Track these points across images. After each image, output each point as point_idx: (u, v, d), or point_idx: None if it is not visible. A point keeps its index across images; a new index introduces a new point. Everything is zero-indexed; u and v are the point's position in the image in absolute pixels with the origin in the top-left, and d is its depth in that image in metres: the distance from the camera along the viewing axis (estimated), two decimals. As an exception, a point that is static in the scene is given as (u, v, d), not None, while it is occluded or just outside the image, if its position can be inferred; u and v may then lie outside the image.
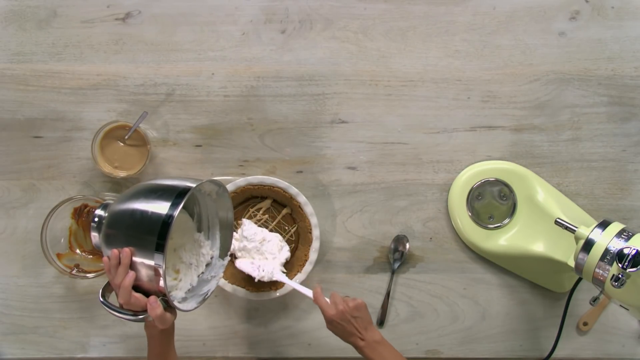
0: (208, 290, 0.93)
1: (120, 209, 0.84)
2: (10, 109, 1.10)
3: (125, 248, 0.81)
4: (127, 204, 0.84)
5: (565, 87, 1.13)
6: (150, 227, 0.80)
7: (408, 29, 1.12)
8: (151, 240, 0.79)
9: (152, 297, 0.81)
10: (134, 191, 0.86)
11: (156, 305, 0.81)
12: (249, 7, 1.12)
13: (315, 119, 1.12)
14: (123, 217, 0.84)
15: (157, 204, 0.81)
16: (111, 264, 0.82)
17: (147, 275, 0.81)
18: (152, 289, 0.82)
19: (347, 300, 0.93)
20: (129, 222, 0.83)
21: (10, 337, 1.09)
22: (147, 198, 0.83)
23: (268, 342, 1.11)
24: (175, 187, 0.83)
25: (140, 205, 0.82)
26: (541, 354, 1.12)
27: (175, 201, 0.81)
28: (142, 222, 0.81)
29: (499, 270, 1.12)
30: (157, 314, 0.81)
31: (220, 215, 0.98)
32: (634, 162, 1.13)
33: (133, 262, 0.81)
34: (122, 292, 0.81)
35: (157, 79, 1.11)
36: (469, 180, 1.11)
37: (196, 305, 0.89)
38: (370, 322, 0.94)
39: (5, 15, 1.11)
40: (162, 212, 0.80)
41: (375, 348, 0.92)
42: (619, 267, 0.83)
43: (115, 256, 0.81)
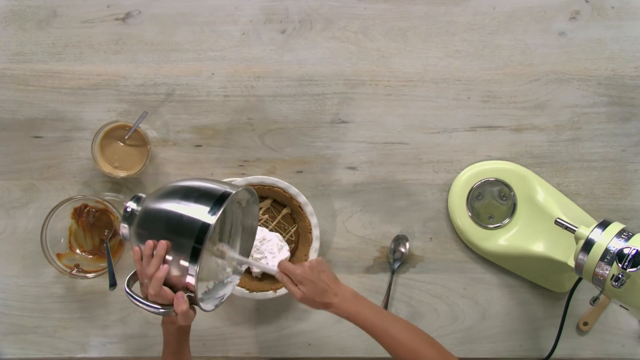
0: (224, 295, 0.92)
1: (157, 208, 0.84)
2: (10, 109, 1.10)
3: (162, 240, 0.81)
4: (164, 203, 0.84)
5: (565, 87, 1.13)
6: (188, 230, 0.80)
7: (408, 29, 1.12)
8: (187, 244, 0.79)
9: (180, 292, 0.81)
10: (170, 190, 0.86)
11: (183, 301, 0.81)
12: (249, 7, 1.12)
13: (315, 119, 1.12)
14: (159, 216, 0.84)
15: (196, 207, 0.81)
16: (145, 254, 0.82)
17: (177, 271, 0.81)
18: (179, 285, 0.82)
19: (308, 261, 0.92)
20: (165, 221, 0.83)
21: (10, 337, 1.09)
22: (185, 200, 0.83)
23: (268, 342, 1.11)
24: (214, 190, 0.83)
25: (178, 207, 0.82)
26: (541, 354, 1.12)
27: (214, 207, 0.81)
28: (180, 224, 0.81)
29: (499, 270, 1.12)
30: (183, 309, 0.81)
31: (244, 222, 0.97)
32: (634, 162, 1.13)
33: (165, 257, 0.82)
34: (154, 283, 0.81)
35: (157, 79, 1.11)
36: (469, 180, 1.11)
37: (213, 308, 0.89)
38: (336, 278, 0.91)
39: (5, 15, 1.11)
40: (200, 218, 0.80)
41: (352, 301, 0.89)
42: (619, 267, 0.83)
43: (150, 247, 0.81)
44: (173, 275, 0.82)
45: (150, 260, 0.81)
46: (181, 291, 0.82)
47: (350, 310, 0.88)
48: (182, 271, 0.81)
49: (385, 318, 0.89)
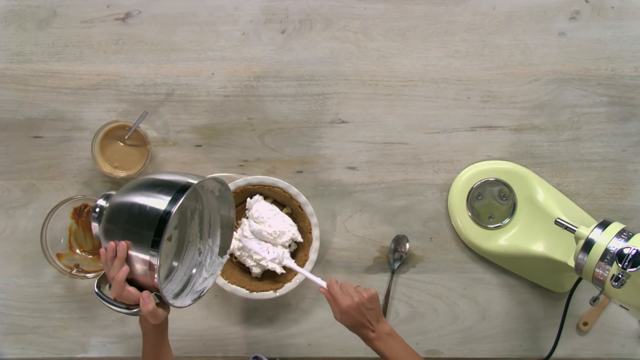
0: (204, 288, 0.92)
1: (120, 202, 0.84)
2: (10, 109, 1.10)
3: (122, 241, 0.81)
4: (128, 196, 0.83)
5: (565, 87, 1.13)
6: (148, 222, 0.79)
7: (408, 29, 1.12)
8: (148, 236, 0.78)
9: (145, 292, 0.81)
10: (135, 184, 0.85)
11: (148, 301, 0.81)
12: (249, 7, 1.12)
13: (315, 119, 1.12)
14: (122, 210, 0.83)
15: (157, 198, 0.80)
16: (108, 256, 0.82)
17: (142, 270, 0.80)
18: (147, 284, 0.82)
19: (360, 290, 0.91)
20: (127, 215, 0.82)
21: (10, 337, 1.09)
22: (147, 192, 0.82)
23: (268, 342, 1.11)
24: (176, 182, 0.82)
25: (140, 199, 0.81)
26: (541, 354, 1.12)
27: (175, 197, 0.80)
28: (140, 216, 0.80)
29: (499, 270, 1.12)
30: (149, 309, 0.81)
31: (222, 213, 0.97)
32: (634, 162, 1.13)
33: (129, 256, 0.81)
34: (115, 286, 0.81)
35: (157, 79, 1.11)
36: (469, 180, 1.11)
37: (191, 302, 0.88)
38: (381, 313, 0.92)
39: (5, 15, 1.11)
40: (161, 208, 0.79)
41: (386, 340, 0.90)
42: (619, 267, 0.83)
43: (111, 248, 0.81)
44: (139, 275, 0.81)
45: (113, 262, 0.81)
46: (146, 291, 0.81)
47: (382, 349, 0.90)
48: (147, 268, 0.80)
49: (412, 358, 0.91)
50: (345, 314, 0.90)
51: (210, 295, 1.11)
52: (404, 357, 0.90)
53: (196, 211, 0.97)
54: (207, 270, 0.95)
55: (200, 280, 0.94)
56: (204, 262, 0.96)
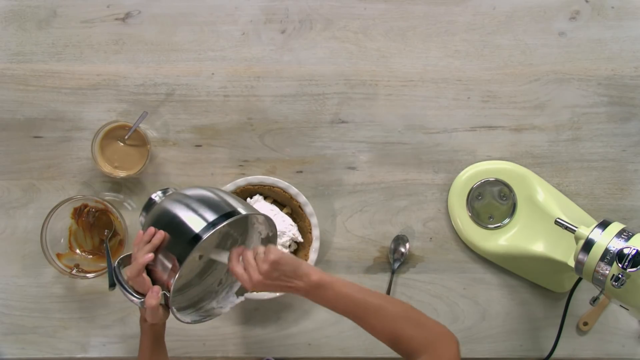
0: (208, 316, 0.91)
1: (167, 208, 0.86)
2: (10, 109, 1.10)
3: (162, 231, 0.82)
4: (176, 205, 0.85)
5: (565, 87, 1.13)
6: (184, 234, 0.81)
7: (408, 29, 1.12)
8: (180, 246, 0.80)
9: (156, 286, 0.82)
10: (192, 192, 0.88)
11: (155, 295, 0.81)
12: (249, 7, 1.12)
13: (315, 119, 1.12)
14: (166, 216, 0.85)
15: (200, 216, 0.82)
16: (143, 239, 0.83)
17: (163, 267, 0.82)
18: (161, 282, 0.83)
19: (259, 262, 0.82)
20: (168, 221, 0.84)
21: (10, 337, 1.09)
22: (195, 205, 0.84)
23: (268, 342, 1.11)
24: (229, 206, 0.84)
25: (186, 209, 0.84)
26: (541, 354, 1.12)
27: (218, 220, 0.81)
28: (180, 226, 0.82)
29: (499, 270, 1.12)
30: (152, 304, 0.81)
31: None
32: (634, 162, 1.13)
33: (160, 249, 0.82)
34: (134, 266, 0.82)
35: (157, 79, 1.11)
36: (469, 180, 1.11)
37: (190, 321, 0.88)
38: (296, 267, 0.82)
39: (5, 15, 1.11)
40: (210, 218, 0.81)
41: (316, 294, 0.82)
42: (619, 267, 0.83)
43: (149, 233, 0.83)
44: (159, 270, 0.82)
45: (144, 247, 0.82)
46: (157, 286, 0.82)
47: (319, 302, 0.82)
48: (167, 269, 0.81)
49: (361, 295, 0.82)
50: (257, 289, 0.83)
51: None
52: (342, 304, 0.81)
53: (237, 242, 0.97)
54: (218, 301, 0.94)
55: (209, 307, 0.93)
56: (220, 293, 0.95)
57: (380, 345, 1.11)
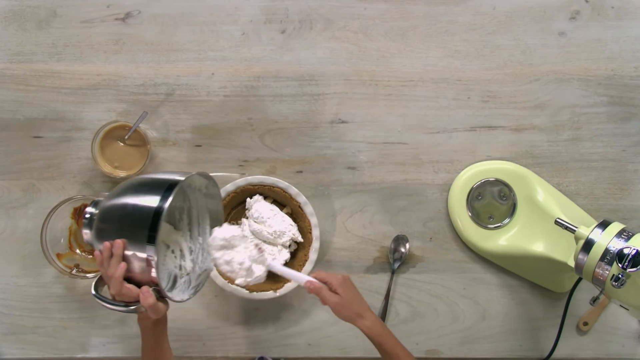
0: (199, 283, 0.93)
1: (112, 204, 0.86)
2: (10, 109, 1.10)
3: (117, 239, 0.82)
4: (118, 198, 0.86)
5: (565, 87, 1.13)
6: (142, 220, 0.81)
7: (408, 29, 1.12)
8: (142, 233, 0.80)
9: (144, 287, 0.82)
10: (125, 186, 0.87)
11: (148, 295, 0.81)
12: (249, 7, 1.12)
13: (315, 119, 1.12)
14: (114, 212, 0.85)
15: (148, 197, 0.82)
16: (104, 256, 0.82)
17: (139, 267, 0.82)
18: (144, 280, 0.83)
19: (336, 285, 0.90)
20: (120, 215, 0.84)
21: (10, 337, 1.09)
22: (137, 192, 0.85)
23: (268, 342, 1.11)
24: (165, 180, 0.85)
25: (131, 199, 0.84)
26: (541, 354, 1.12)
27: (165, 194, 0.82)
28: (133, 215, 0.82)
29: (499, 270, 1.12)
30: (150, 302, 0.81)
31: (210, 208, 0.98)
32: (634, 162, 1.13)
33: (125, 255, 0.82)
34: (114, 283, 0.82)
35: (157, 79, 1.11)
36: (469, 180, 1.11)
37: (188, 297, 0.89)
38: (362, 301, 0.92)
39: (5, 15, 1.11)
40: (153, 205, 0.81)
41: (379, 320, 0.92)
42: (619, 267, 0.83)
43: (107, 248, 0.82)
44: (137, 272, 0.82)
45: (110, 261, 0.82)
46: (145, 286, 0.82)
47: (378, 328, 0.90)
48: (144, 265, 0.81)
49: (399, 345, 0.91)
50: (338, 291, 0.90)
51: (210, 295, 1.11)
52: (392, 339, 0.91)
53: (184, 210, 0.97)
54: (200, 266, 0.96)
55: (195, 276, 0.94)
56: (197, 259, 0.96)
57: (380, 345, 1.11)
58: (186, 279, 0.94)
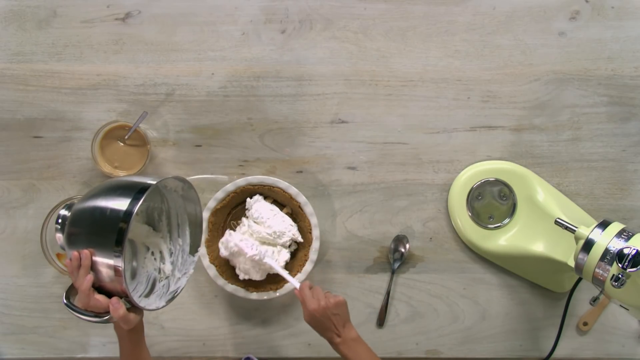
0: (178, 288, 0.91)
1: (82, 208, 0.82)
2: (10, 109, 1.10)
3: (85, 250, 0.79)
4: (88, 202, 0.82)
5: (565, 87, 1.13)
6: (110, 225, 0.77)
7: (408, 29, 1.12)
8: (110, 239, 0.77)
9: (114, 298, 0.80)
10: (97, 189, 0.84)
11: (118, 306, 0.79)
12: (249, 7, 1.12)
13: (315, 119, 1.12)
14: (83, 216, 0.81)
15: (118, 201, 0.79)
16: (73, 266, 0.80)
17: (108, 276, 0.78)
18: (116, 289, 0.80)
19: (329, 296, 0.94)
20: (89, 220, 0.80)
21: (10, 337, 1.09)
22: (108, 195, 0.81)
23: (268, 342, 1.11)
24: (136, 184, 0.81)
25: (100, 203, 0.80)
26: (541, 354, 1.12)
27: (135, 196, 0.79)
28: (102, 220, 0.79)
29: (499, 270, 1.12)
30: (120, 314, 0.79)
31: (188, 211, 0.96)
32: (634, 162, 1.13)
33: (95, 263, 0.79)
34: (81, 295, 0.80)
35: (157, 79, 1.11)
36: (469, 180, 1.11)
37: (165, 304, 0.87)
38: (347, 319, 0.95)
39: (5, 15, 1.11)
40: (122, 209, 0.78)
41: (351, 346, 0.93)
42: (619, 267, 0.83)
43: (75, 258, 0.79)
44: (107, 281, 0.79)
45: (78, 272, 0.80)
46: (115, 297, 0.80)
47: (347, 353, 0.93)
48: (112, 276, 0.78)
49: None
50: (312, 317, 0.93)
51: (210, 295, 1.11)
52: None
53: (163, 212, 0.96)
54: (179, 270, 0.94)
55: (174, 280, 0.93)
56: (176, 262, 0.95)
57: (380, 345, 1.12)
58: (165, 283, 0.92)
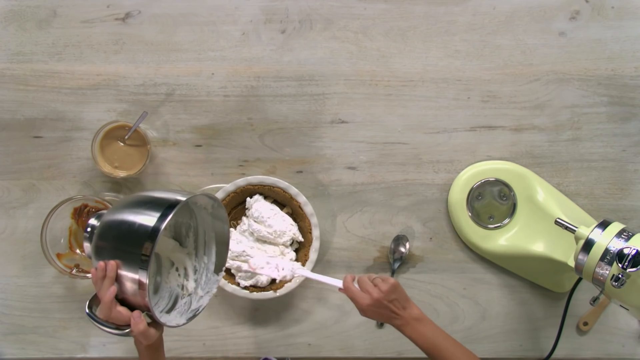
0: (200, 307, 0.91)
1: (110, 219, 0.82)
2: (10, 109, 1.10)
3: (112, 261, 0.79)
4: (118, 214, 0.82)
5: (565, 87, 1.13)
6: (137, 240, 0.77)
7: (408, 29, 1.12)
8: (137, 253, 0.77)
9: (136, 312, 0.80)
10: (126, 201, 0.84)
11: (139, 321, 0.79)
12: (249, 7, 1.12)
13: (315, 119, 1.12)
14: (112, 228, 0.81)
15: (146, 215, 0.79)
16: (98, 276, 0.80)
17: (132, 289, 0.78)
18: (138, 303, 0.80)
19: (378, 283, 0.89)
20: (117, 233, 0.80)
21: (10, 337, 1.09)
22: (137, 209, 0.81)
23: (268, 342, 1.11)
24: (166, 199, 0.81)
25: (129, 217, 0.80)
26: (541, 354, 1.12)
27: (164, 212, 0.78)
28: (129, 233, 0.79)
29: (499, 270, 1.12)
30: (140, 329, 0.79)
31: (216, 229, 0.96)
32: (634, 162, 1.13)
33: (120, 275, 0.79)
34: (103, 306, 0.79)
35: (157, 79, 1.11)
36: (469, 180, 1.11)
37: (185, 322, 0.86)
38: (406, 299, 0.90)
39: (5, 15, 1.11)
40: (150, 224, 0.78)
41: (414, 326, 0.89)
42: (619, 267, 0.83)
43: (101, 268, 0.79)
44: (129, 294, 0.79)
45: (102, 283, 0.79)
46: (138, 311, 0.79)
47: (411, 334, 0.89)
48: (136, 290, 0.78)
49: (444, 341, 0.89)
50: (368, 311, 0.89)
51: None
52: (434, 341, 0.88)
53: (191, 228, 0.96)
54: (202, 288, 0.94)
55: (197, 298, 0.92)
56: (200, 280, 0.94)
57: (380, 345, 1.12)
58: (187, 300, 0.92)
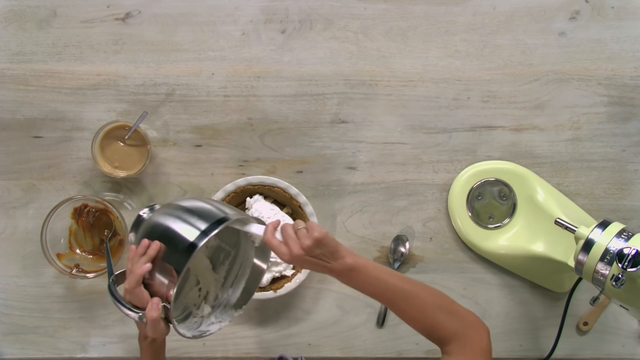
0: (207, 331, 0.90)
1: (158, 221, 0.84)
2: (10, 109, 1.10)
3: (157, 241, 0.80)
4: (167, 216, 0.84)
5: (565, 87, 1.13)
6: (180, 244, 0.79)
7: (408, 29, 1.12)
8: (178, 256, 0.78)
9: (156, 297, 0.80)
10: (181, 204, 0.85)
11: (156, 307, 0.79)
12: (249, 7, 1.12)
13: (315, 119, 1.12)
14: (158, 228, 0.83)
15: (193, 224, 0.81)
16: (137, 252, 0.81)
17: (160, 281, 0.80)
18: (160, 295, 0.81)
19: (302, 237, 0.81)
20: (161, 233, 0.82)
21: (10, 337, 1.09)
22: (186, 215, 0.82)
23: (268, 342, 1.11)
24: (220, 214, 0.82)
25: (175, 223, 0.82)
26: (541, 354, 1.12)
27: (220, 220, 0.80)
28: (174, 237, 0.80)
29: (499, 270, 1.12)
30: (153, 316, 0.79)
31: (254, 268, 0.95)
32: (634, 162, 1.13)
33: (155, 261, 0.80)
34: (131, 277, 0.80)
35: (157, 79, 1.11)
36: (469, 180, 1.11)
37: (190, 336, 0.86)
38: (335, 249, 0.82)
39: (5, 15, 1.11)
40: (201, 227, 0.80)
41: (351, 277, 0.82)
42: (619, 267, 0.83)
43: (144, 246, 0.81)
44: (156, 283, 0.80)
45: (139, 259, 0.81)
46: (157, 297, 0.80)
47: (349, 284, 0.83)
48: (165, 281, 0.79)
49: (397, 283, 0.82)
50: (294, 262, 0.83)
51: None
52: (380, 286, 0.82)
53: (229, 257, 0.95)
54: (216, 316, 0.93)
55: (207, 322, 0.92)
56: (216, 308, 0.93)
57: (380, 345, 1.12)
58: (198, 320, 0.91)
